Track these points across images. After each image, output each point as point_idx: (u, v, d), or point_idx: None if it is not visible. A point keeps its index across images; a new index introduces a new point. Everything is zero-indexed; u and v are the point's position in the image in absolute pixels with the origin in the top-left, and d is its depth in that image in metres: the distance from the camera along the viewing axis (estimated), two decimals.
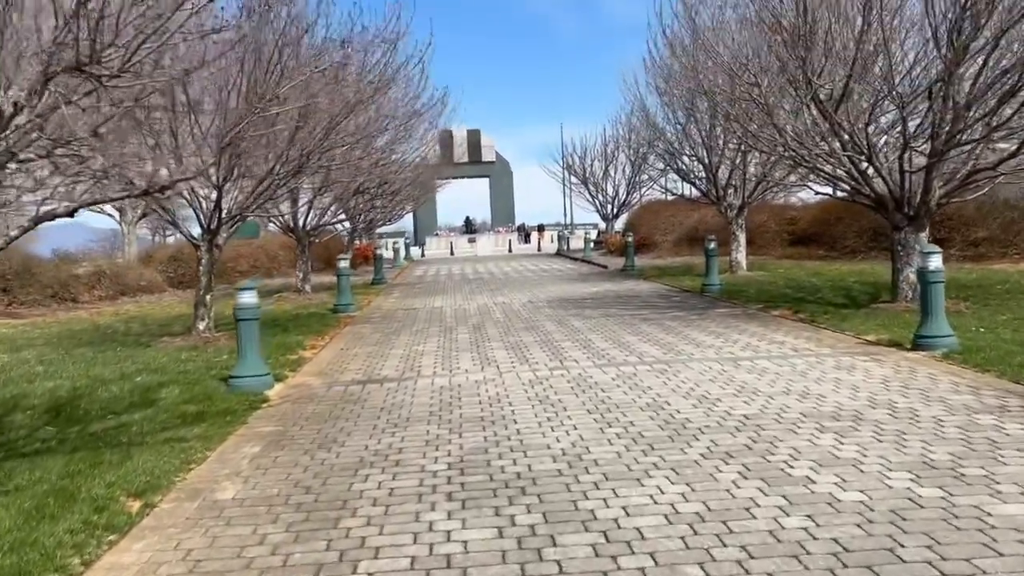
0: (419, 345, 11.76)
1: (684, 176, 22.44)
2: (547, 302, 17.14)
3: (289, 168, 12.14)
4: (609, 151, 39.76)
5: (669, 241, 31.77)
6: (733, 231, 21.17)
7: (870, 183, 13.08)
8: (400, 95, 17.58)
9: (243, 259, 27.42)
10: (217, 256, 12.96)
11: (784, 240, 27.62)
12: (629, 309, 15.11)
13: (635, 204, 39.47)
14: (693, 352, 10.00)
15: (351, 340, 12.78)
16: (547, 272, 27.80)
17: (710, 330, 11.85)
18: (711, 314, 13.76)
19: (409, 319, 15.21)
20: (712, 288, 17.15)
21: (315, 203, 20.21)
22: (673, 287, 19.27)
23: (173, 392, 8.75)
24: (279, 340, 12.37)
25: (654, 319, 13.39)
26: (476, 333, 12.73)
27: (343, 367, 10.25)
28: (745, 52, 13.18)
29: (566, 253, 39.88)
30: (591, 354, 10.20)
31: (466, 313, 15.74)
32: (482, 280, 25.05)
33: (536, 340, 11.66)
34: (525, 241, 62.81)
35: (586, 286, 20.89)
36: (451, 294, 20.36)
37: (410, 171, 24.13)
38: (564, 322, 13.56)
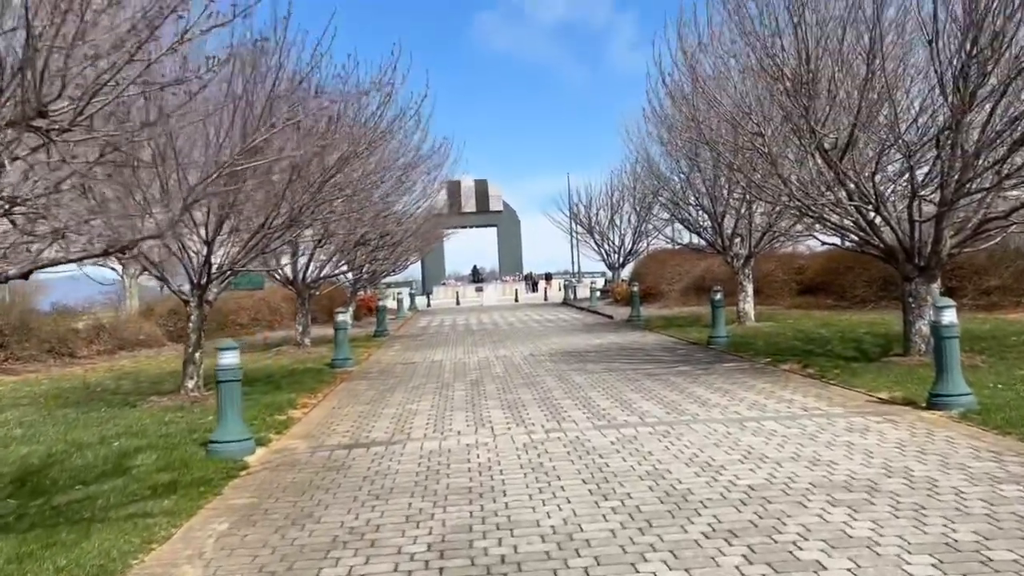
0: (413, 404, 11.33)
1: (689, 226, 22.12)
2: (549, 355, 16.71)
3: (281, 221, 11.85)
4: (614, 200, 39.66)
5: (676, 291, 31.36)
6: (740, 281, 20.77)
7: (879, 233, 12.71)
8: (396, 147, 17.38)
9: (244, 312, 27.12)
10: (207, 312, 12.59)
11: (793, 289, 27.18)
12: (633, 363, 14.66)
13: (641, 253, 39.17)
14: (697, 412, 9.54)
15: (344, 398, 12.36)
16: (552, 323, 27.39)
17: (716, 387, 11.39)
18: (717, 369, 13.31)
19: (407, 374, 14.79)
20: (718, 341, 16.70)
21: (315, 255, 19.91)
22: (679, 339, 18.82)
23: (149, 458, 8.33)
24: (269, 399, 11.97)
25: (658, 374, 12.94)
26: (473, 390, 12.30)
27: (331, 429, 9.83)
28: (747, 101, 12.93)
29: (572, 302, 39.47)
30: (591, 414, 9.75)
31: (466, 368, 15.32)
32: (486, 331, 24.65)
33: (535, 398, 11.22)
34: (532, 290, 62.49)
35: (590, 338, 20.46)
36: (453, 347, 19.95)
37: (412, 222, 23.91)
38: (565, 377, 13.12)
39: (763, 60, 11.95)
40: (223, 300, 28.12)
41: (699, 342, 17.66)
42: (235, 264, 12.14)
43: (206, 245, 11.42)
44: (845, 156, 11.98)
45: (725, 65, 12.97)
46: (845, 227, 13.19)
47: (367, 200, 19.29)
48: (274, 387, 13.47)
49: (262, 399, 12.02)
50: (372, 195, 19.51)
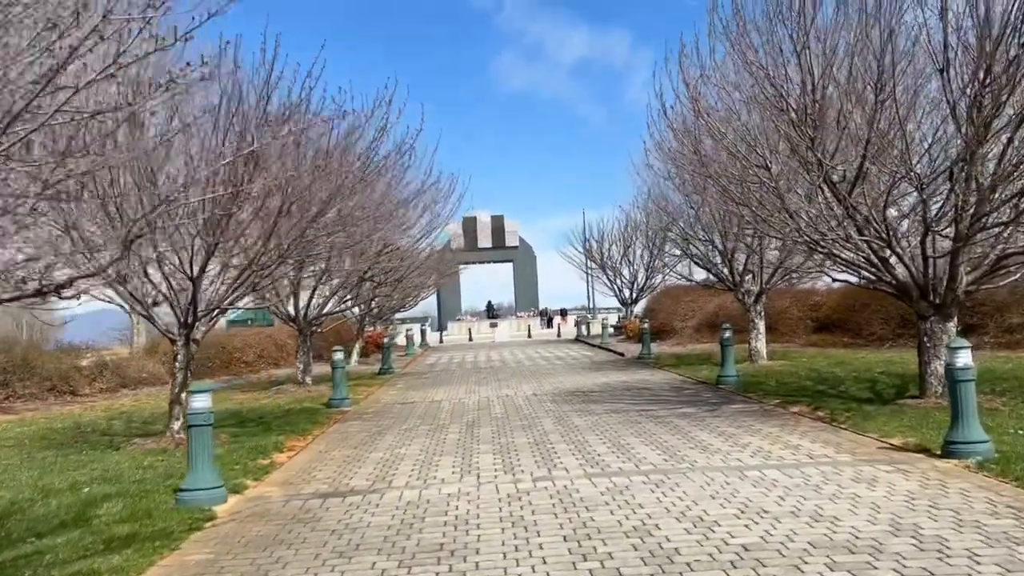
0: (403, 447, 10.86)
1: (699, 262, 21.65)
2: (552, 395, 16.20)
3: (268, 258, 11.51)
4: (626, 236, 39.22)
5: (689, 327, 30.78)
6: (751, 318, 20.22)
7: (891, 270, 12.19)
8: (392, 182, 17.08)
9: (251, 349, 26.80)
10: (194, 351, 12.23)
11: (808, 327, 26.55)
12: (637, 404, 14.13)
13: (655, 289, 38.64)
14: (697, 459, 9.01)
15: (333, 441, 11.91)
16: (560, 360, 26.87)
17: (720, 430, 10.85)
18: (724, 411, 12.76)
19: (403, 415, 14.33)
20: (728, 380, 16.14)
21: (317, 291, 19.59)
22: (688, 378, 18.26)
23: (115, 507, 7.91)
24: (256, 442, 11.55)
25: (661, 416, 12.41)
26: (467, 432, 11.82)
27: (312, 475, 9.37)
28: (752, 133, 12.51)
29: (584, 339, 38.92)
30: (585, 460, 9.24)
31: (464, 408, 14.84)
32: (492, 369, 24.17)
33: (529, 441, 10.72)
34: (548, 326, 61.95)
35: (597, 376, 19.94)
36: (456, 385, 19.48)
37: (416, 258, 23.58)
38: (564, 419, 12.61)
39: (767, 90, 11.56)
40: (228, 337, 27.92)
41: (708, 381, 17.11)
42: (223, 302, 11.78)
43: (191, 282, 11.08)
44: (855, 189, 11.52)
45: (728, 96, 12.57)
46: (857, 263, 12.68)
47: (366, 236, 19.02)
48: (264, 429, 13.06)
49: (248, 442, 11.61)
50: (371, 231, 19.24)
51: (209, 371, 25.11)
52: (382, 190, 16.61)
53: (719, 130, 13.00)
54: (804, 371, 17.71)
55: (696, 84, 12.54)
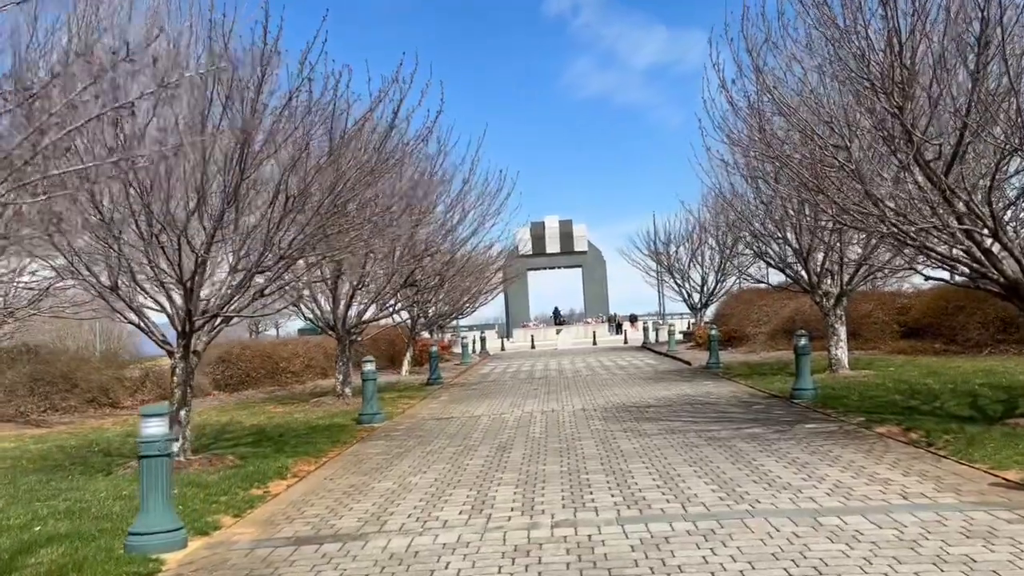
0: (416, 476, 9.40)
1: (772, 262, 19.66)
2: (603, 410, 14.56)
3: (273, 260, 10.23)
4: (694, 237, 37.12)
5: (763, 333, 28.63)
6: (831, 323, 18.18)
7: (998, 264, 10.23)
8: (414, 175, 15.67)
9: (298, 359, 25.77)
10: (195, 364, 11.02)
11: (894, 332, 24.21)
12: (697, 423, 12.41)
13: (726, 293, 36.45)
14: (760, 497, 7.31)
15: (345, 465, 10.54)
16: (622, 369, 25.12)
17: (791, 458, 9.09)
18: (797, 432, 10.95)
19: (433, 434, 12.90)
20: (803, 394, 14.24)
21: (356, 297, 18.36)
22: (758, 391, 16.38)
23: (53, 553, 6.66)
24: (259, 467, 10.27)
25: (723, 439, 10.68)
26: (495, 457, 10.30)
27: (301, 511, 7.99)
28: (827, 107, 10.72)
29: (651, 346, 37.00)
30: (622, 497, 7.64)
31: (502, 426, 13.32)
32: (546, 380, 22.59)
33: (562, 470, 9.15)
34: (616, 332, 60.05)
35: (658, 388, 18.18)
36: (502, 398, 17.98)
37: (461, 262, 22.19)
38: (609, 442, 10.99)
39: (845, 54, 9.77)
40: (275, 347, 27.00)
41: (781, 394, 15.22)
42: (224, 307, 10.54)
43: (182, 287, 9.87)
44: (952, 169, 9.64)
45: (800, 65, 10.80)
46: (954, 258, 10.76)
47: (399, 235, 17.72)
48: (278, 449, 11.80)
49: (251, 466, 10.34)
50: (413, 233, 17.94)
51: (254, 382, 24.22)
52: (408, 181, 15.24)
53: (788, 106, 11.23)
54: (891, 382, 15.67)
55: (761, 52, 10.80)
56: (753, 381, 18.08)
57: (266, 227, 9.94)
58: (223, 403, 20.92)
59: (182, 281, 9.83)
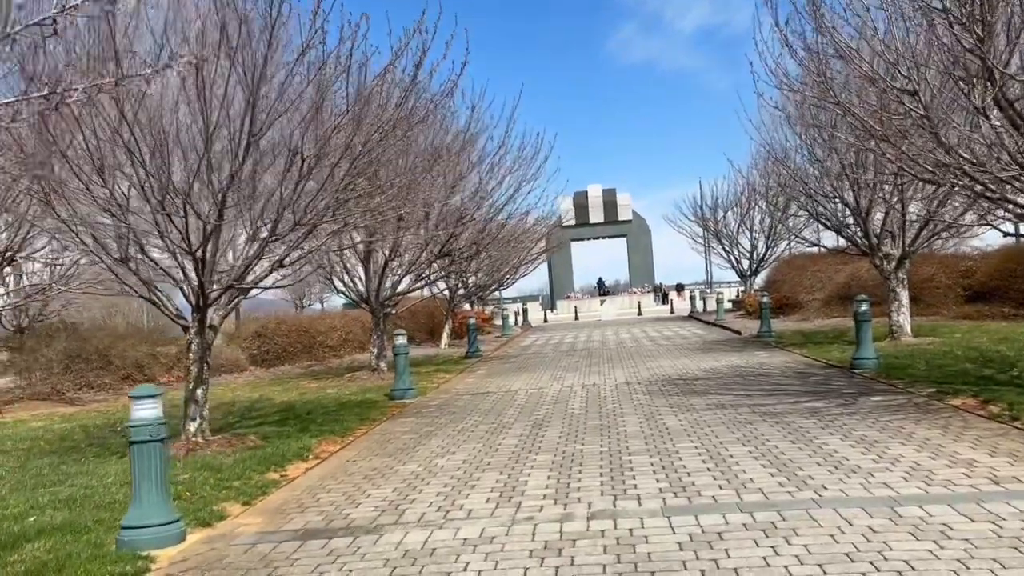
0: (444, 457, 8.68)
1: (828, 223, 18.47)
2: (647, 383, 13.70)
3: (289, 227, 9.52)
4: (743, 200, 35.68)
5: (817, 300, 27.38)
6: (892, 287, 17.02)
7: None
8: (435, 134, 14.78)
9: (336, 332, 25.25)
10: (211, 339, 10.39)
11: (958, 297, 22.85)
12: (750, 396, 11.50)
13: (777, 259, 35.07)
14: (826, 483, 6.43)
15: (371, 445, 9.87)
16: (668, 340, 24.16)
17: (858, 435, 8.17)
18: (862, 405, 9.99)
19: (467, 410, 12.17)
20: (865, 363, 13.22)
21: (389, 268, 17.67)
22: (815, 360, 15.36)
23: (40, 548, 6.06)
24: (281, 447, 9.66)
25: (780, 414, 9.78)
26: (530, 436, 9.53)
27: (316, 498, 7.31)
28: (894, 46, 9.61)
29: (698, 316, 35.86)
30: (668, 483, 6.82)
31: (540, 401, 12.55)
32: (589, 352, 21.74)
33: (602, 451, 8.35)
34: (663, 302, 58.85)
35: (707, 359, 17.24)
36: (541, 371, 17.20)
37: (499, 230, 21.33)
38: (654, 418, 10.15)
39: None
40: (312, 320, 26.51)
41: (840, 364, 14.20)
42: (240, 278, 9.88)
43: (192, 258, 9.20)
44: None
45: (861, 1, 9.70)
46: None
47: (441, 205, 16.97)
48: (303, 427, 11.19)
49: (273, 447, 9.73)
50: (447, 199, 17.17)
51: (290, 356, 23.77)
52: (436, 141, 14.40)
53: (849, 47, 10.15)
54: (960, 350, 14.56)
55: None
56: (808, 350, 17.04)
57: (280, 192, 9.21)
58: (258, 378, 20.50)
59: (192, 251, 9.16)
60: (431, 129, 14.24)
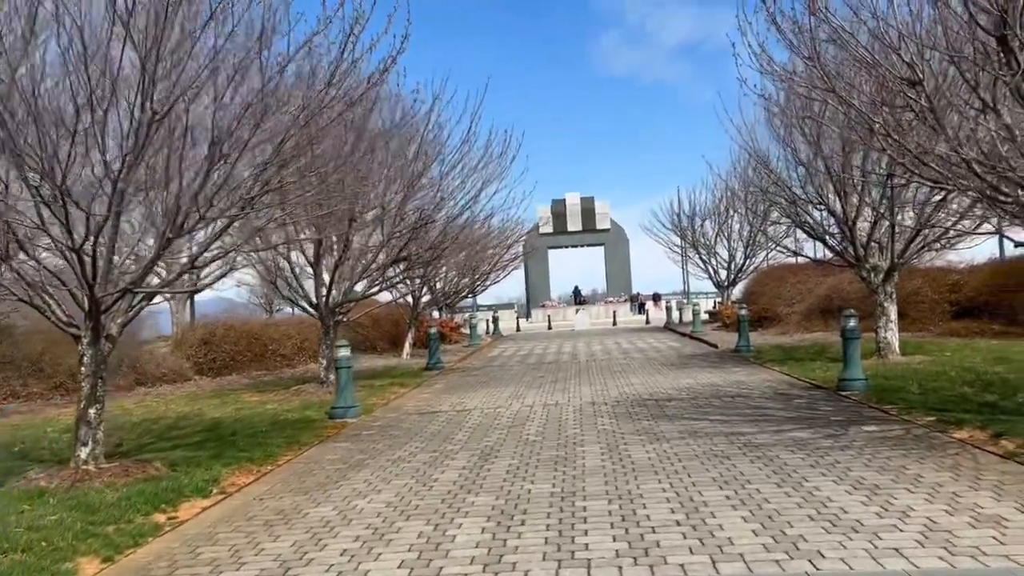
0: (365, 498, 7.32)
1: (811, 232, 17.30)
2: (615, 404, 12.39)
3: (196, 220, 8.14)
4: (721, 209, 34.56)
5: (796, 313, 26.25)
6: (880, 302, 15.86)
7: None
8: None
9: (290, 340, 23.71)
10: (108, 350, 8.97)
11: (945, 312, 21.77)
12: (728, 422, 10.22)
13: (755, 269, 33.97)
14: (823, 546, 5.15)
15: (288, 478, 8.48)
16: (641, 352, 22.88)
17: (854, 477, 6.91)
18: (855, 437, 8.75)
19: (410, 434, 10.81)
20: (853, 385, 12.01)
21: (340, 273, 16.27)
22: (797, 380, 14.13)
23: None
24: (178, 480, 8.26)
25: (762, 446, 8.51)
26: (474, 469, 8.19)
27: (194, 555, 5.93)
28: (897, 28, 8.40)
29: (674, 327, 34.65)
30: (628, 542, 5.50)
31: (494, 423, 11.21)
32: (556, 365, 20.42)
33: (553, 492, 7.03)
34: (639, 312, 57.74)
35: (681, 376, 15.97)
36: (503, 387, 15.85)
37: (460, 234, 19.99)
38: (618, 448, 8.84)
39: None
40: (264, 327, 24.96)
41: (825, 385, 12.98)
42: (139, 281, 8.48)
43: (75, 254, 7.79)
44: None
45: None
46: None
47: (396, 206, 15.65)
48: (219, 452, 9.81)
49: (168, 480, 8.32)
50: (404, 199, 15.84)
51: (239, 366, 22.26)
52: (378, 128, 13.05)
53: (844, 28, 8.93)
54: (953, 370, 13.40)
55: None
56: (789, 368, 15.84)
57: (180, 181, 7.83)
58: (200, 390, 19.00)
59: (75, 248, 7.75)
60: (379, 117, 12.91)
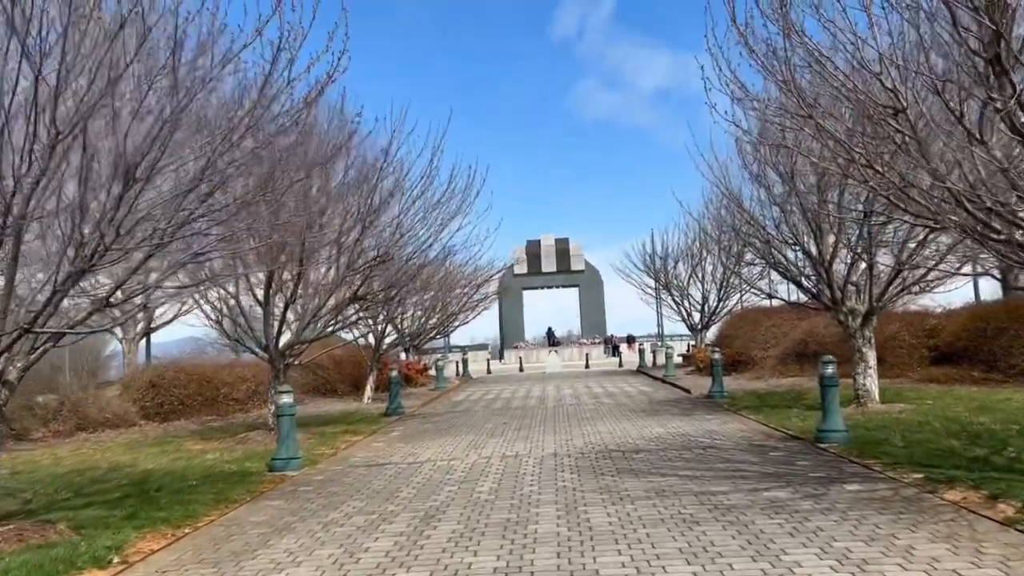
0: (279, 574, 6.35)
1: (786, 273, 16.62)
2: (579, 455, 11.49)
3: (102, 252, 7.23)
4: (695, 250, 34.02)
5: (771, 357, 25.56)
6: (858, 347, 15.13)
7: None
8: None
9: (244, 384, 22.53)
10: (5, 397, 7.96)
11: (923, 358, 21.13)
12: (699, 479, 9.34)
13: (729, 312, 33.36)
14: None
15: (202, 544, 7.49)
16: (611, 398, 21.99)
17: (840, 548, 6.06)
18: (837, 497, 7.91)
19: (351, 491, 9.83)
20: (832, 436, 11.22)
21: (293, 311, 15.35)
22: (774, 429, 13.30)
23: None
24: (76, 546, 7.25)
25: (736, 508, 7.64)
26: (412, 537, 7.25)
27: None
28: (878, 50, 7.75)
29: (646, 370, 33.83)
30: None
31: (445, 477, 10.25)
32: (523, 411, 19.47)
33: (496, 568, 6.11)
34: (613, 354, 56.98)
35: (651, 424, 15.10)
36: (463, 436, 14.88)
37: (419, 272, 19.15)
38: (577, 510, 7.93)
39: None
40: (217, 369, 23.75)
41: (803, 435, 12.17)
42: (36, 321, 7.52)
43: None
44: None
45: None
46: None
47: (355, 241, 14.80)
48: (135, 512, 8.81)
49: (61, 548, 7.30)
50: (361, 239, 14.99)
51: (189, 410, 21.11)
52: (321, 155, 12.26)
53: (820, 52, 8.28)
54: (937, 420, 12.67)
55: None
56: (765, 415, 15.02)
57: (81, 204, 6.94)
58: (143, 436, 17.87)
59: None
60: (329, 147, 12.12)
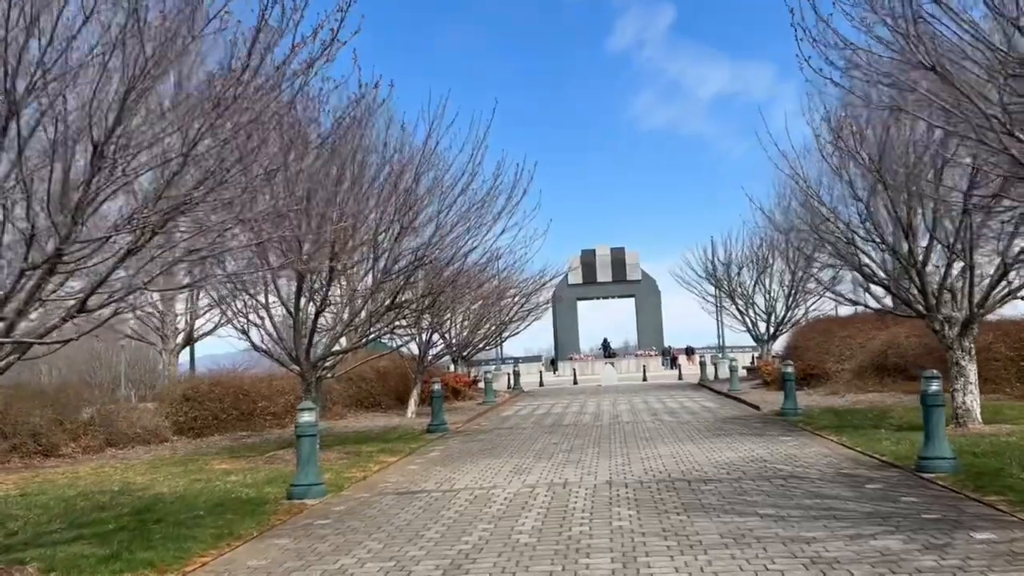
0: None
1: (869, 277, 14.87)
2: (637, 486, 9.97)
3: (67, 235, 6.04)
4: (761, 255, 32.07)
5: (847, 371, 23.60)
6: (956, 359, 13.32)
7: None
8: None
9: (282, 398, 21.32)
10: None
11: (1021, 371, 19.08)
12: (784, 519, 7.76)
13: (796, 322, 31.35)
14: None
15: None
16: (673, 415, 20.32)
17: None
18: (965, 551, 6.28)
19: (373, 526, 8.49)
20: (938, 465, 9.54)
21: (318, 323, 14.16)
22: (863, 455, 11.59)
23: None
24: None
25: (836, 561, 6.07)
26: None
27: None
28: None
29: (709, 384, 31.98)
30: None
31: (482, 511, 8.84)
32: (576, 428, 17.95)
33: None
34: (671, 366, 55.02)
35: (719, 447, 13.47)
36: (507, 456, 13.46)
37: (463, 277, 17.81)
38: (636, 561, 6.44)
39: None
40: (254, 383, 22.68)
41: (899, 462, 10.48)
42: (12, 328, 6.36)
43: None
44: None
45: None
46: None
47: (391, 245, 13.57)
48: (116, 552, 7.58)
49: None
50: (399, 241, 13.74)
51: (223, 425, 20.10)
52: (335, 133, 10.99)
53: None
54: None
55: None
56: (849, 437, 13.28)
57: (49, 184, 5.76)
58: (172, 453, 16.86)
59: None
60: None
